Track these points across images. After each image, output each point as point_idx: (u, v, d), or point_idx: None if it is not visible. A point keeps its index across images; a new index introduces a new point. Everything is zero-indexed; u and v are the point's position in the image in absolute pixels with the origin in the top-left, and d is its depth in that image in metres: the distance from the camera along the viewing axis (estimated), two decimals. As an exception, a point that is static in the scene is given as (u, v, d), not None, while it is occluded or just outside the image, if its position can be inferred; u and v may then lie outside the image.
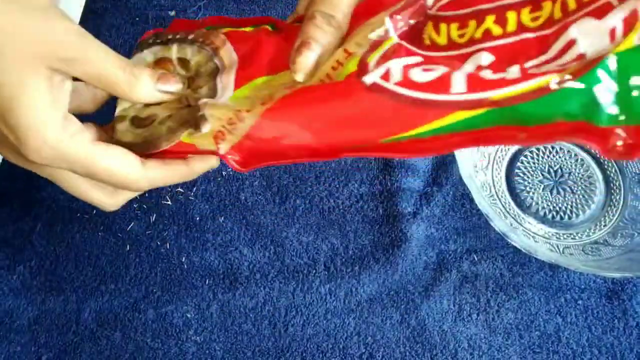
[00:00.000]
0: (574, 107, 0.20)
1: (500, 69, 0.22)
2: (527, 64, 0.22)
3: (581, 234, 0.41)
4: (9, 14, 0.23)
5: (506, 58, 0.23)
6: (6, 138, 0.25)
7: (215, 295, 0.40)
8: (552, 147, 0.43)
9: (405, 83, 0.23)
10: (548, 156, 0.43)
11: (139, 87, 0.27)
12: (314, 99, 0.25)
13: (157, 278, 0.40)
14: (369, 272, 0.40)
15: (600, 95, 0.20)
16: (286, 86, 0.27)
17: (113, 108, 0.30)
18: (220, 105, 0.27)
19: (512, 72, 0.22)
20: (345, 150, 0.25)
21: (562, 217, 0.41)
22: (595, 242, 0.40)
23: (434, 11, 0.26)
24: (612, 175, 0.42)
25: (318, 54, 0.26)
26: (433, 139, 0.23)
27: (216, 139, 0.27)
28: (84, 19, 0.48)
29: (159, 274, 0.40)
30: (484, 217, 0.41)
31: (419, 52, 0.25)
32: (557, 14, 0.22)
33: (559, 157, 0.43)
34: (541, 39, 0.22)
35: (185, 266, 0.40)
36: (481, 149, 0.43)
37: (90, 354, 0.38)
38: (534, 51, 0.22)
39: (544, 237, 0.41)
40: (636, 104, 0.20)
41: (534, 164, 0.43)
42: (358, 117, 0.24)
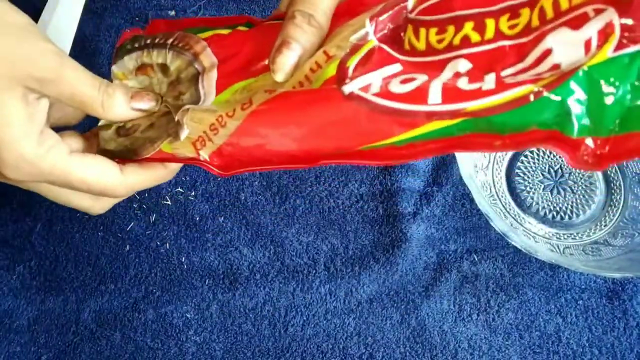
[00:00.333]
0: (548, 117, 0.21)
1: (477, 77, 0.22)
2: (504, 73, 0.22)
3: (581, 234, 0.41)
4: None
5: (483, 66, 0.23)
6: None
7: (215, 295, 0.40)
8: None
9: (383, 94, 0.23)
10: (548, 156, 0.43)
11: (113, 106, 0.27)
12: (293, 105, 0.25)
13: (156, 278, 0.40)
14: (369, 272, 0.40)
15: (572, 107, 0.20)
16: (266, 88, 0.26)
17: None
18: (202, 110, 0.27)
19: (489, 81, 0.22)
20: (325, 156, 0.25)
21: (562, 217, 0.41)
22: (596, 242, 0.40)
23: (414, 15, 0.26)
24: (612, 175, 0.42)
25: (298, 54, 0.26)
26: (410, 146, 0.23)
27: (196, 145, 0.27)
28: (84, 19, 0.48)
29: (159, 274, 0.40)
30: (484, 217, 0.41)
31: (398, 57, 0.25)
32: (535, 22, 0.22)
33: (559, 157, 0.43)
34: (518, 47, 0.23)
35: (185, 266, 0.40)
36: (481, 149, 0.43)
37: (90, 354, 0.38)
38: (511, 59, 0.22)
39: (544, 237, 0.41)
40: (606, 115, 0.20)
41: (534, 164, 0.43)
42: (336, 125, 0.24)
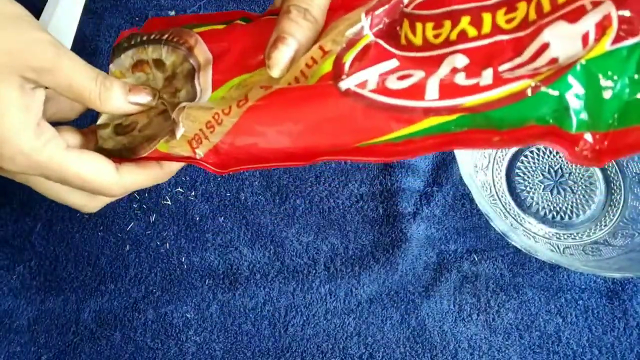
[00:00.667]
0: (545, 112, 0.20)
1: (474, 72, 0.22)
2: (501, 68, 0.22)
3: (581, 234, 0.41)
4: None
5: (481, 61, 0.23)
6: None
7: (215, 295, 0.40)
8: (553, 147, 0.43)
9: (380, 90, 0.23)
10: (548, 156, 0.43)
11: (110, 99, 0.27)
12: (289, 102, 0.25)
13: (156, 278, 0.40)
14: (369, 272, 0.40)
15: (571, 102, 0.20)
16: (262, 84, 0.26)
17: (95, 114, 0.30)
18: (198, 107, 0.27)
19: (486, 76, 0.22)
20: (322, 153, 0.25)
21: (562, 217, 0.41)
22: (596, 242, 0.40)
23: (410, 9, 0.25)
24: (612, 175, 0.42)
25: (294, 49, 0.26)
26: (407, 143, 0.23)
27: (192, 144, 0.27)
28: (84, 19, 0.48)
29: (159, 274, 0.40)
30: (484, 217, 0.41)
31: (394, 52, 0.25)
32: (532, 16, 0.22)
33: (559, 157, 0.43)
34: (516, 41, 0.22)
35: (185, 266, 0.40)
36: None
37: (89, 354, 0.38)
38: (508, 54, 0.22)
39: (544, 237, 0.41)
40: (604, 110, 0.20)
41: (534, 164, 0.43)
42: (333, 122, 0.24)
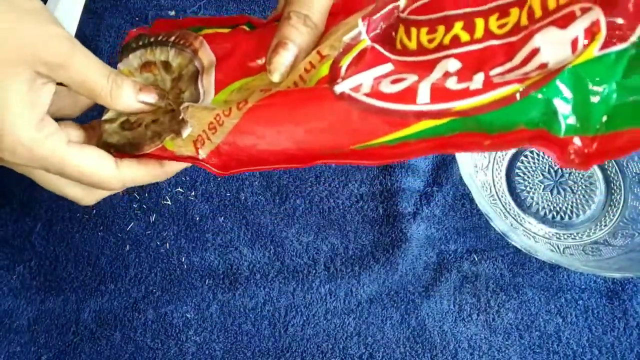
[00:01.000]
0: (534, 116, 0.21)
1: (466, 76, 0.23)
2: (492, 72, 0.22)
3: (581, 234, 0.41)
4: None
5: (472, 65, 0.23)
6: None
7: (215, 295, 0.40)
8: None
9: (373, 94, 0.23)
10: (548, 156, 0.43)
11: (120, 96, 0.27)
12: (287, 103, 0.25)
13: (156, 278, 0.40)
14: (369, 272, 0.40)
15: (559, 106, 0.21)
16: (262, 88, 0.27)
17: (98, 112, 0.30)
18: (201, 108, 0.27)
19: (477, 80, 0.22)
20: (320, 156, 0.25)
21: (562, 217, 0.41)
22: (596, 242, 0.40)
23: (405, 14, 0.26)
24: (612, 175, 0.42)
25: (294, 54, 0.26)
26: (402, 145, 0.23)
27: (196, 144, 0.27)
28: (84, 19, 0.48)
29: (159, 274, 0.40)
30: (484, 217, 0.41)
31: (390, 56, 0.25)
32: (524, 21, 0.23)
33: (559, 157, 0.43)
34: (507, 46, 0.23)
35: (185, 266, 0.40)
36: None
37: (89, 354, 0.38)
38: (499, 58, 0.23)
39: (544, 237, 0.41)
40: (592, 114, 0.20)
41: (534, 164, 0.43)
42: (329, 124, 0.24)
